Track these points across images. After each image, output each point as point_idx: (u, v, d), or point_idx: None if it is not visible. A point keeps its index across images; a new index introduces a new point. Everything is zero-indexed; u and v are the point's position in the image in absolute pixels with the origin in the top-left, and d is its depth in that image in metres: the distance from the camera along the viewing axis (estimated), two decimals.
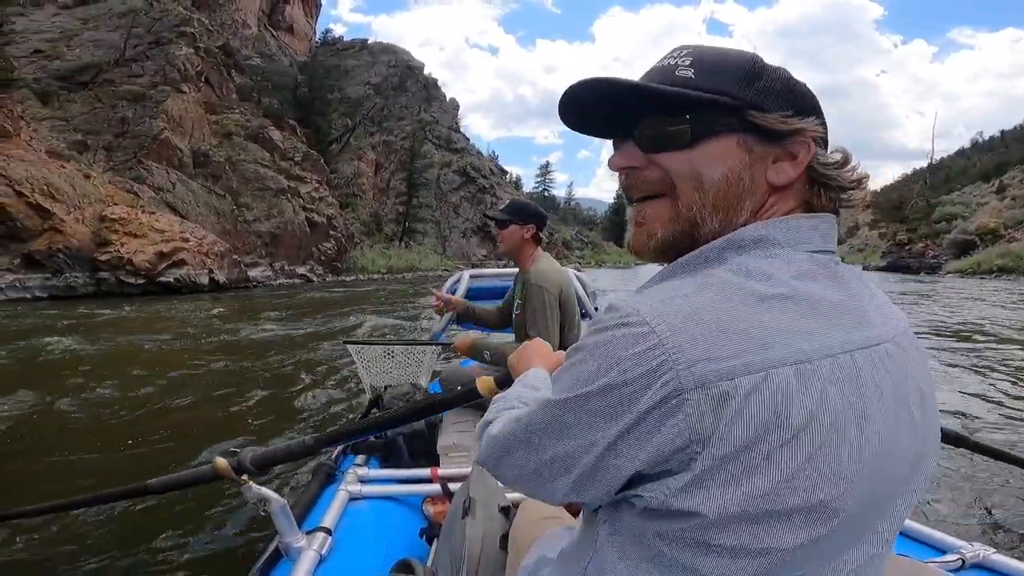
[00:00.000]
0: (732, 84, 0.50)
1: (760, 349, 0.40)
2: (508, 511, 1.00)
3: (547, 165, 76.62)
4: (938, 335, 8.40)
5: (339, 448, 1.73)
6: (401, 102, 49.09)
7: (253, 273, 21.65)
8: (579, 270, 2.90)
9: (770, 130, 0.50)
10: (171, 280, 17.76)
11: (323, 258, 26.67)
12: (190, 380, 5.18)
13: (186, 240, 18.80)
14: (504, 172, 59.20)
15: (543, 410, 0.48)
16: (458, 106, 55.61)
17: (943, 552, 1.24)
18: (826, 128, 0.52)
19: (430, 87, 52.84)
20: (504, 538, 0.92)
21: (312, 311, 12.31)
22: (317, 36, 52.91)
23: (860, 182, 0.53)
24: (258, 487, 1.06)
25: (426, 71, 52.71)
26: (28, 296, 15.71)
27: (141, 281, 17.37)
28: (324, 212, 27.68)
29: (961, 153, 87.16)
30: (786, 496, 0.41)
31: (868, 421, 0.42)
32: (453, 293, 2.83)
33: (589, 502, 0.50)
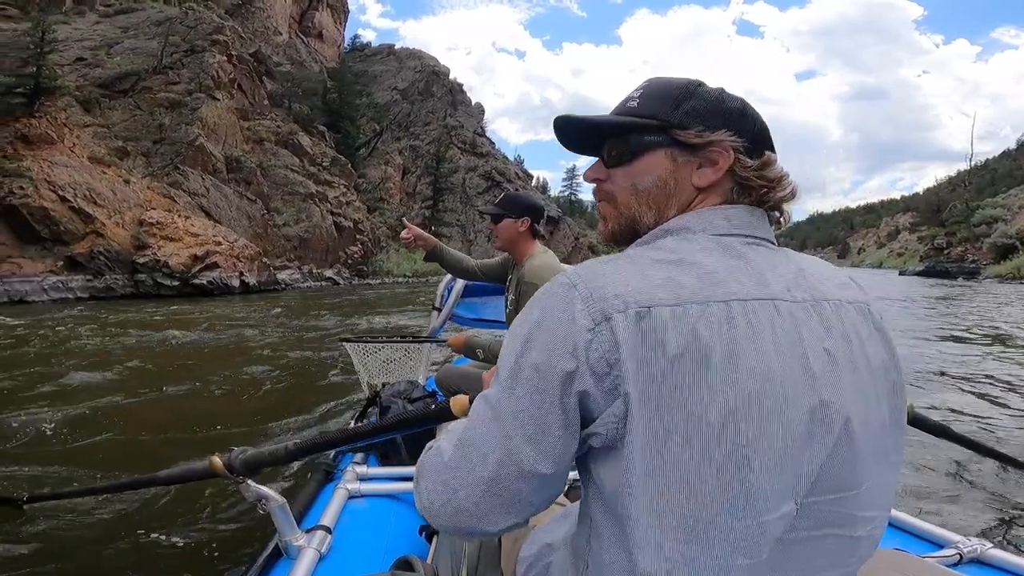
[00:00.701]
0: (662, 108, 0.63)
1: (644, 293, 0.53)
2: None
3: (573, 169, 76.12)
4: (959, 340, 8.09)
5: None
6: (427, 107, 49.60)
7: (282, 276, 22.10)
8: None
9: (689, 144, 0.62)
10: (204, 282, 18.24)
11: (349, 261, 27.07)
12: (203, 375, 5.33)
13: (219, 244, 19.30)
14: (530, 176, 59.23)
15: (496, 381, 0.57)
16: (483, 111, 55.85)
17: (940, 547, 1.24)
18: (753, 137, 0.63)
19: (455, 92, 53.24)
20: None
21: (334, 311, 12.50)
22: (346, 42, 53.95)
23: (778, 180, 0.63)
24: (257, 486, 1.06)
25: (453, 76, 53.14)
26: (70, 296, 16.32)
27: (176, 283, 17.90)
28: (351, 216, 28.10)
29: (1007, 155, 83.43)
30: (673, 413, 0.50)
31: (740, 358, 0.51)
32: (450, 290, 2.87)
33: (557, 459, 0.55)
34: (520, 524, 0.59)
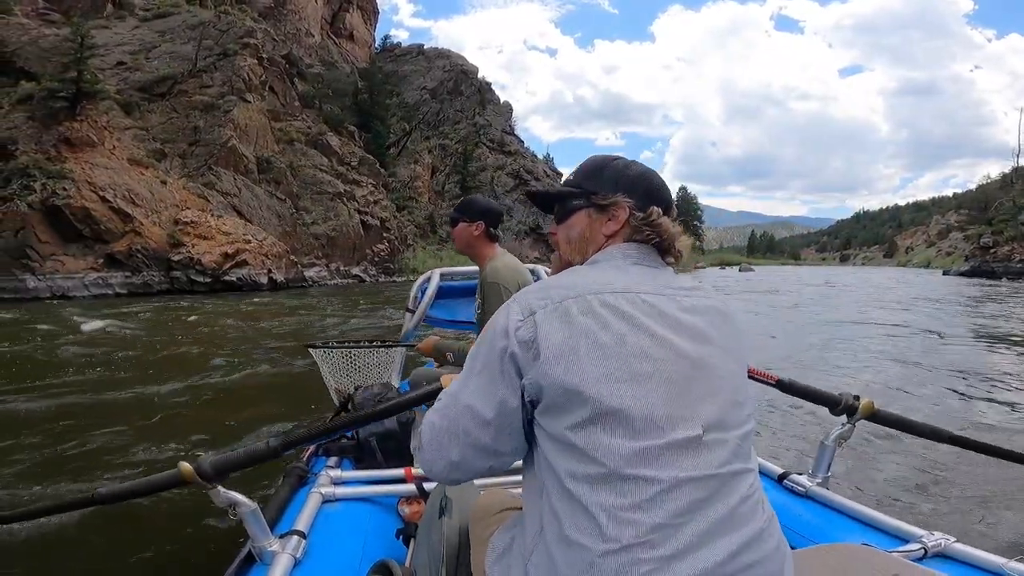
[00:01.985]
0: (583, 179, 0.90)
1: (551, 294, 0.76)
2: (471, 509, 1.04)
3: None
4: (982, 339, 7.90)
5: (310, 450, 1.72)
6: (456, 106, 49.81)
7: (309, 273, 22.57)
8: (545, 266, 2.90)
9: (599, 205, 0.87)
10: (234, 279, 18.78)
11: (376, 259, 27.44)
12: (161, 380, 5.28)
13: (248, 242, 19.83)
14: (559, 174, 58.85)
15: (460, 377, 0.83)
16: (511, 109, 55.74)
17: (906, 541, 1.26)
18: (643, 196, 0.87)
19: (484, 91, 53.29)
20: None
21: (352, 307, 12.68)
22: (376, 43, 54.63)
23: (659, 226, 0.86)
24: (227, 491, 1.04)
25: (485, 74, 53.32)
26: (109, 292, 17.04)
27: (208, 280, 18.49)
28: (378, 215, 28.47)
29: None
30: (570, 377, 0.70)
31: (629, 322, 0.73)
32: (423, 293, 2.84)
33: (512, 436, 0.77)
34: (495, 469, 0.81)
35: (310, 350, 2.63)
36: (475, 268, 2.16)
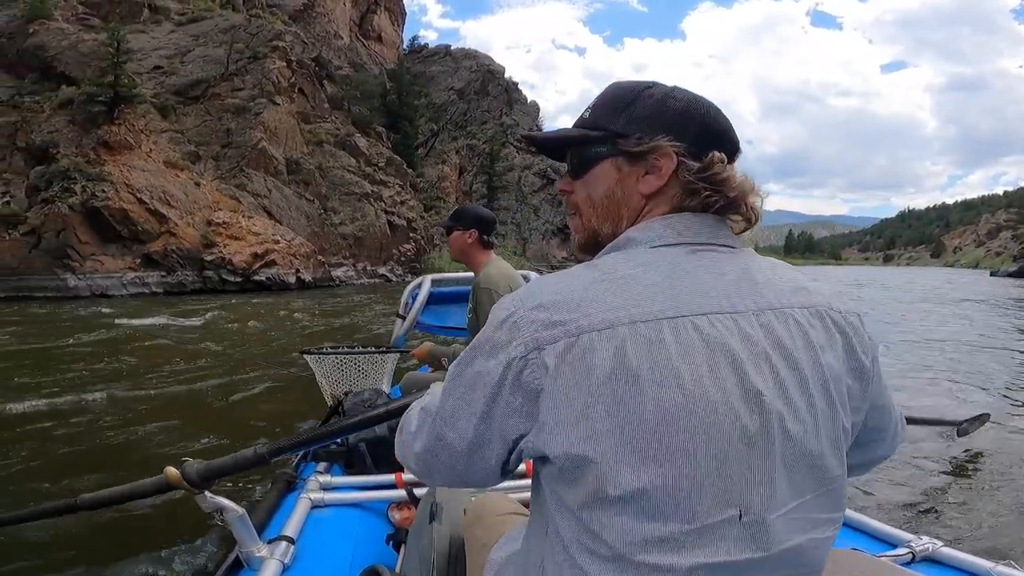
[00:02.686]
0: (606, 117, 0.64)
1: (575, 320, 0.53)
2: (466, 515, 1.01)
3: None
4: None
5: (299, 456, 1.71)
6: (483, 106, 49.90)
7: (337, 273, 22.84)
8: (540, 272, 2.96)
9: (632, 152, 0.61)
10: (263, 279, 19.13)
11: (403, 259, 27.62)
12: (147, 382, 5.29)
13: (277, 242, 20.18)
14: None
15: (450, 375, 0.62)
16: (538, 108, 55.61)
17: (894, 546, 1.26)
18: (696, 139, 0.60)
19: (511, 90, 53.27)
20: None
21: (367, 307, 12.70)
22: (404, 44, 55.18)
23: (724, 182, 0.60)
24: (213, 496, 1.03)
25: (514, 74, 53.35)
26: (146, 291, 17.58)
27: (239, 279, 18.88)
28: (405, 215, 28.67)
29: None
30: (604, 439, 0.51)
31: (667, 375, 0.51)
32: (414, 299, 2.86)
33: (490, 458, 0.59)
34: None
35: (304, 356, 2.62)
36: (468, 275, 2.17)
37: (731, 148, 0.62)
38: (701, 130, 0.61)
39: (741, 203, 0.61)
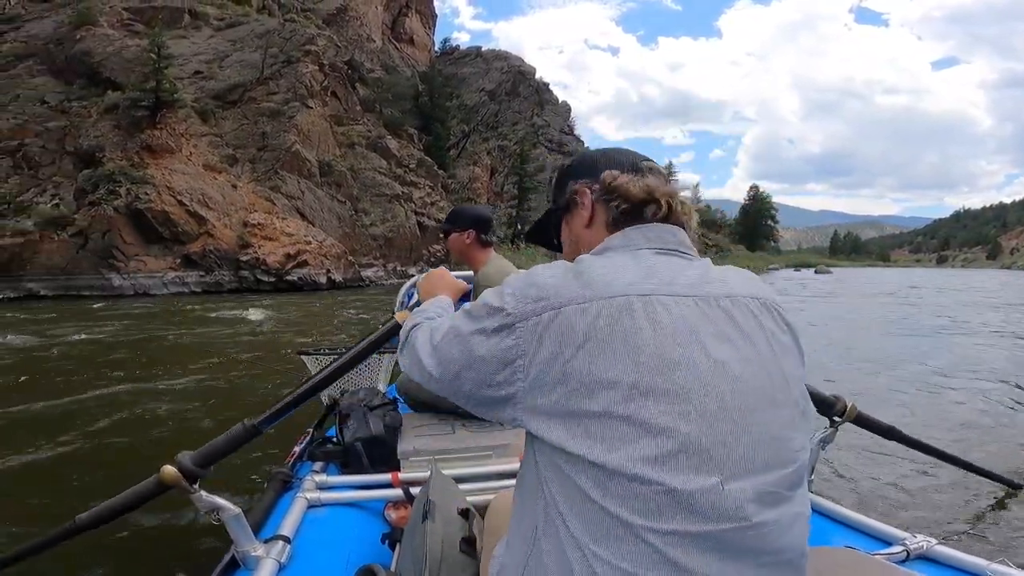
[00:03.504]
0: (552, 195, 0.86)
1: (557, 296, 0.63)
2: (468, 514, 1.03)
3: (669, 166, 72.76)
4: None
5: (295, 455, 1.73)
6: (514, 107, 49.82)
7: (367, 273, 23.10)
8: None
9: (565, 204, 0.81)
10: (295, 279, 19.50)
11: (432, 260, 27.73)
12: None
13: (308, 243, 20.53)
14: None
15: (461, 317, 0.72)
16: (569, 109, 55.15)
17: (889, 544, 1.25)
18: (589, 172, 0.78)
19: (541, 91, 53.03)
20: (464, 541, 0.96)
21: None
22: (436, 46, 55.64)
23: (615, 189, 0.74)
24: (209, 496, 1.03)
25: (547, 75, 53.43)
26: (186, 291, 18.17)
27: (272, 279, 19.31)
28: (435, 216, 28.79)
29: None
30: (582, 395, 0.60)
31: (638, 340, 0.59)
32: (410, 297, 2.81)
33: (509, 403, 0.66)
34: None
35: (302, 357, 2.63)
36: (468, 273, 2.15)
37: (622, 166, 0.76)
38: (595, 166, 0.78)
39: (652, 201, 0.73)
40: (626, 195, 0.73)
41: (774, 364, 0.64)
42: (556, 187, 0.83)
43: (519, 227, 40.68)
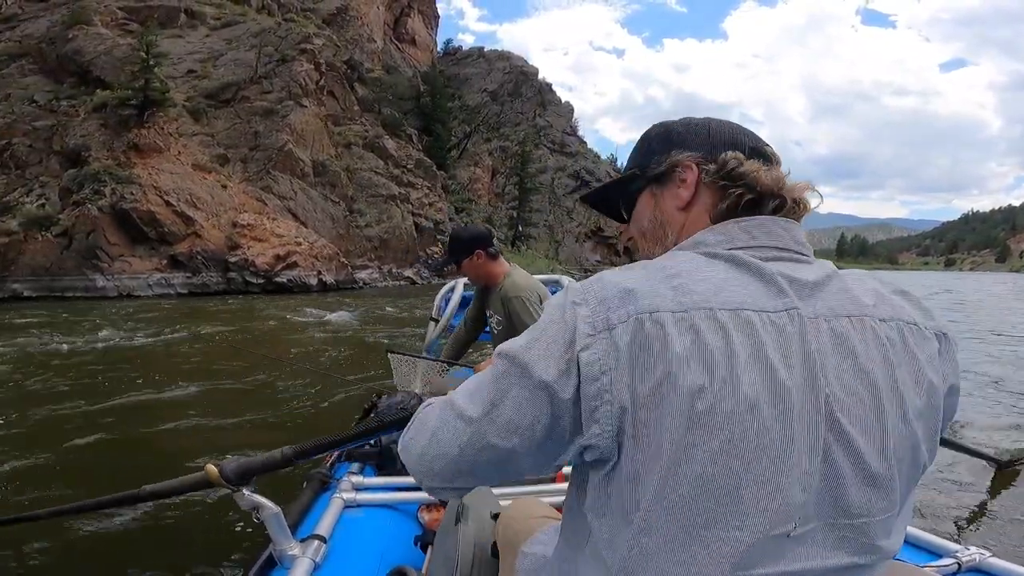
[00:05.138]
0: (635, 158, 0.71)
1: (635, 303, 0.52)
2: (500, 518, 1.01)
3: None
4: None
5: (333, 456, 1.75)
6: (516, 107, 49.43)
7: (361, 275, 22.64)
8: (572, 276, 2.95)
9: (657, 175, 0.67)
10: (284, 280, 19.06)
11: (429, 261, 27.28)
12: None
13: (299, 244, 20.10)
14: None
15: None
16: (572, 110, 54.73)
17: (939, 556, 1.23)
18: (707, 145, 0.64)
19: (544, 92, 52.63)
20: (496, 545, 0.94)
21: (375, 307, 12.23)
22: (439, 47, 55.35)
23: (743, 176, 0.62)
24: (251, 494, 1.05)
25: (553, 77, 53.21)
26: (171, 292, 17.74)
27: (261, 281, 18.87)
28: (432, 217, 28.36)
29: None
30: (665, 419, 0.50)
31: (740, 366, 0.50)
32: (447, 303, 2.96)
33: (553, 453, 0.56)
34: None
35: (389, 354, 2.67)
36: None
37: (747, 148, 0.64)
38: (710, 139, 0.65)
39: (778, 196, 0.62)
40: (755, 184, 0.61)
41: (893, 402, 0.54)
42: (645, 151, 0.69)
43: (519, 228, 40.26)
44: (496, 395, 0.55)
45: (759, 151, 0.64)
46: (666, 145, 0.66)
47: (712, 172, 0.62)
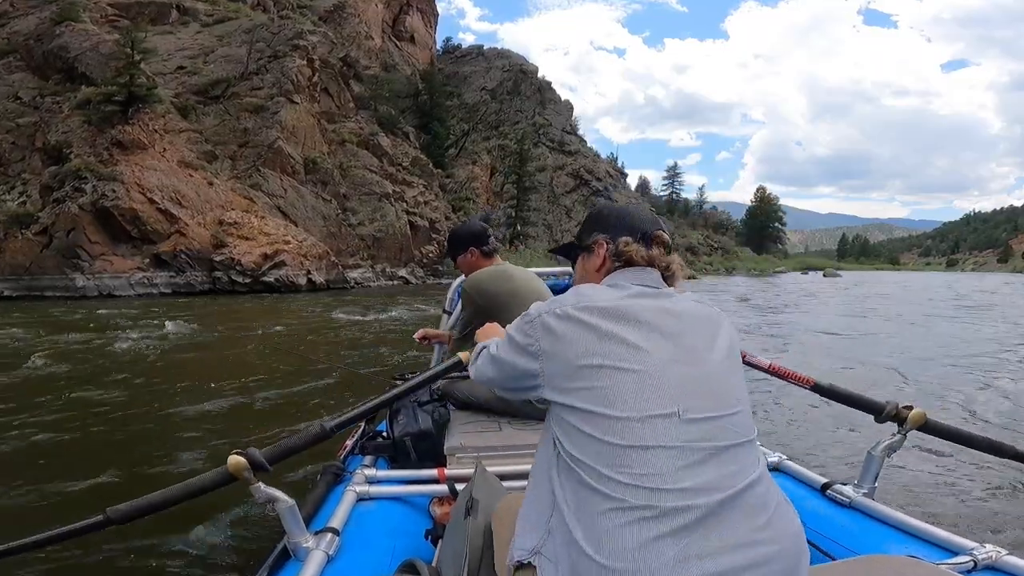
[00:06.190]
0: (579, 231, 1.06)
1: (558, 303, 0.91)
2: (493, 515, 1.08)
3: (675, 167, 71.40)
4: None
5: (346, 449, 1.79)
6: (515, 106, 48.92)
7: (353, 275, 22.14)
8: (570, 274, 2.95)
9: (587, 247, 1.03)
10: (272, 280, 18.57)
11: (424, 261, 26.79)
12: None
13: (287, 243, 19.61)
14: (624, 174, 56.50)
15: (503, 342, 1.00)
16: (572, 108, 54.21)
17: (954, 553, 1.23)
18: (612, 230, 1.01)
19: (543, 90, 52.11)
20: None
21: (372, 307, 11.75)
22: (438, 45, 54.81)
23: (627, 253, 0.98)
24: (267, 487, 1.07)
25: (553, 77, 52.68)
26: (154, 292, 17.28)
27: (248, 280, 18.38)
28: (427, 216, 27.86)
29: None
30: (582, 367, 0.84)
31: (616, 331, 0.85)
32: (459, 295, 2.98)
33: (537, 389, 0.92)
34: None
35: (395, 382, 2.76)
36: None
37: (639, 233, 0.99)
38: (618, 226, 1.00)
39: (649, 264, 0.98)
40: (629, 261, 0.97)
41: (723, 350, 0.90)
42: (583, 229, 1.05)
43: (518, 227, 39.77)
44: (503, 347, 0.96)
45: (646, 236, 0.99)
46: (592, 227, 1.03)
47: (611, 250, 0.98)
